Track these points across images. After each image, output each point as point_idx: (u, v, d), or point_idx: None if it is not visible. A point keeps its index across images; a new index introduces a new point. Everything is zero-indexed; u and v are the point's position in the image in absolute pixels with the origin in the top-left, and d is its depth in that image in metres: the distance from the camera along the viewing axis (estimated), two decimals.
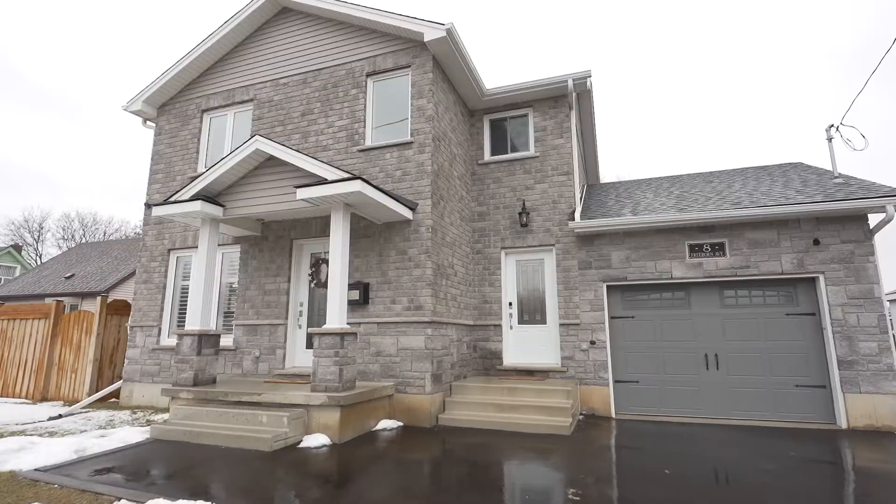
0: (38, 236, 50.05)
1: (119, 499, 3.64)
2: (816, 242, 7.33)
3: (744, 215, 7.50)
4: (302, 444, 5.72)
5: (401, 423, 6.88)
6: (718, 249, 7.83)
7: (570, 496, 4.22)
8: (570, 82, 8.71)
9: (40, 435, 6.42)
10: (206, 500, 3.74)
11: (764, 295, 7.72)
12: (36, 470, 4.79)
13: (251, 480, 4.54)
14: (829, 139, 8.24)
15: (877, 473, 4.96)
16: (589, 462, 5.36)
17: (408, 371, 7.05)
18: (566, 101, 9.08)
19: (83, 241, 48.80)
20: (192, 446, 5.73)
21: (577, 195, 8.91)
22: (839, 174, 8.19)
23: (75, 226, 50.66)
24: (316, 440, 5.76)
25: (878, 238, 7.17)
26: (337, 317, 6.30)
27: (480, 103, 9.49)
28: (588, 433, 6.67)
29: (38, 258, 46.70)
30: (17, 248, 31.83)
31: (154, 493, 3.96)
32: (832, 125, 8.17)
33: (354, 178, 6.05)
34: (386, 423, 6.74)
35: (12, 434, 6.47)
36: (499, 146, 9.66)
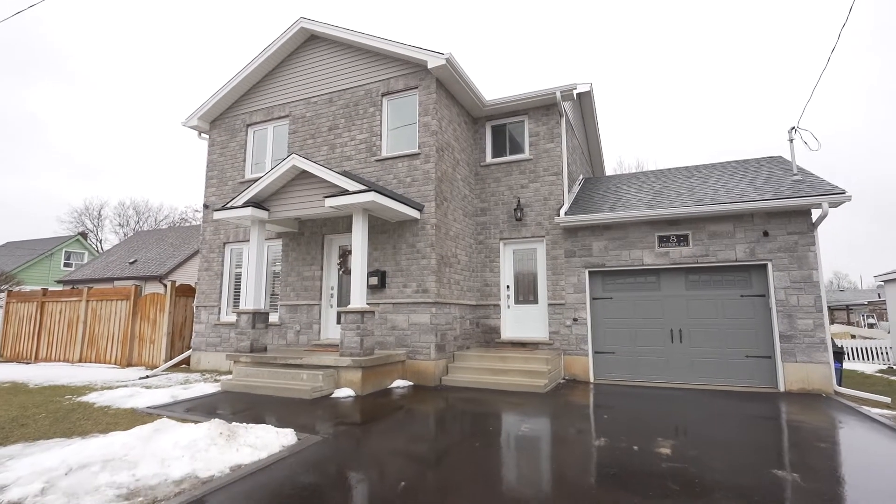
0: (98, 223, 54.54)
1: (210, 420, 5.43)
2: (766, 234, 8.47)
3: (703, 211, 8.70)
4: (333, 395, 7.52)
5: (411, 383, 8.61)
6: (683, 240, 9.06)
7: (522, 429, 5.82)
8: (558, 94, 9.95)
9: (140, 387, 8.48)
10: (275, 425, 5.51)
11: (723, 279, 8.93)
12: (147, 407, 6.77)
13: (296, 416, 6.34)
14: (791, 140, 9.22)
15: (797, 423, 6.25)
16: (548, 410, 6.92)
17: (417, 342, 8.74)
18: (556, 109, 10.32)
19: (137, 226, 52.90)
20: (252, 395, 7.63)
21: (566, 192, 10.22)
22: (797, 171, 9.19)
23: (130, 213, 54.89)
24: (343, 392, 7.56)
25: (821, 230, 8.24)
26: (358, 299, 8.02)
27: (482, 112, 10.86)
28: (560, 392, 8.20)
29: (98, 243, 51.04)
30: (84, 235, 35.41)
31: (231, 420, 5.78)
32: (793, 128, 9.13)
33: (369, 189, 7.66)
34: (399, 382, 8.49)
35: (119, 387, 8.57)
36: (499, 149, 11.04)
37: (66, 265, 32.23)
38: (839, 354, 8.94)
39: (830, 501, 3.64)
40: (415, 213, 8.87)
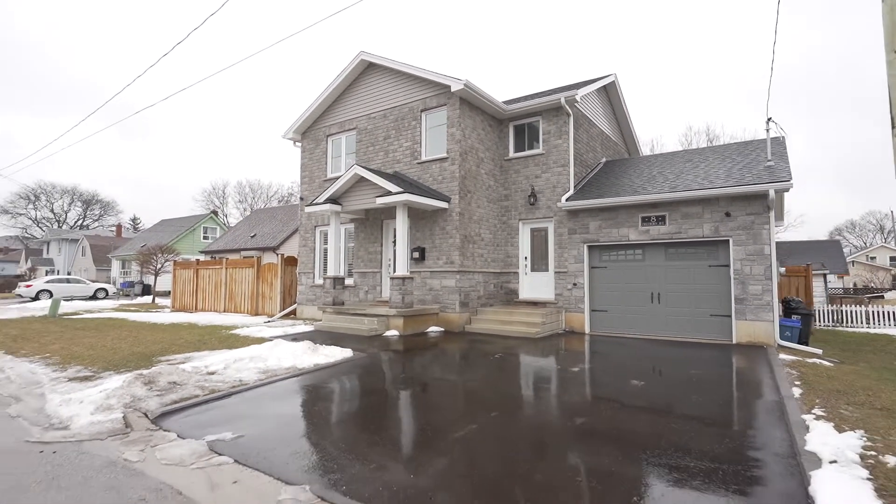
0: (223, 200, 64.26)
1: (304, 342, 9.07)
2: (728, 215, 10.13)
3: (676, 197, 10.53)
4: (384, 334, 10.96)
5: (442, 329, 11.79)
6: (661, 220, 10.97)
7: (497, 356, 8.76)
8: (562, 99, 12.06)
9: (265, 327, 12.66)
10: (341, 347, 9.02)
11: (695, 252, 10.76)
12: (270, 336, 10.74)
13: (356, 344, 9.84)
14: (767, 129, 10.53)
15: (706, 361, 8.41)
16: (527, 348, 9.68)
17: (446, 299, 11.85)
18: (563, 111, 12.42)
19: (253, 202, 61.56)
20: (332, 333, 11.34)
21: (571, 181, 12.41)
22: (771, 158, 10.52)
23: (246, 191, 63.91)
24: (391, 332, 10.97)
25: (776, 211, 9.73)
26: (401, 268, 11.27)
27: (504, 115, 13.26)
28: (549, 338, 10.86)
29: (225, 218, 60.54)
30: (215, 213, 43.14)
31: (321, 344, 9.39)
32: (769, 119, 10.44)
33: (405, 192, 10.73)
34: (433, 328, 11.72)
35: (252, 326, 12.86)
36: (519, 145, 13.43)
37: (204, 238, 39.96)
38: (808, 316, 10.42)
39: (640, 391, 6.15)
40: (443, 205, 11.80)
